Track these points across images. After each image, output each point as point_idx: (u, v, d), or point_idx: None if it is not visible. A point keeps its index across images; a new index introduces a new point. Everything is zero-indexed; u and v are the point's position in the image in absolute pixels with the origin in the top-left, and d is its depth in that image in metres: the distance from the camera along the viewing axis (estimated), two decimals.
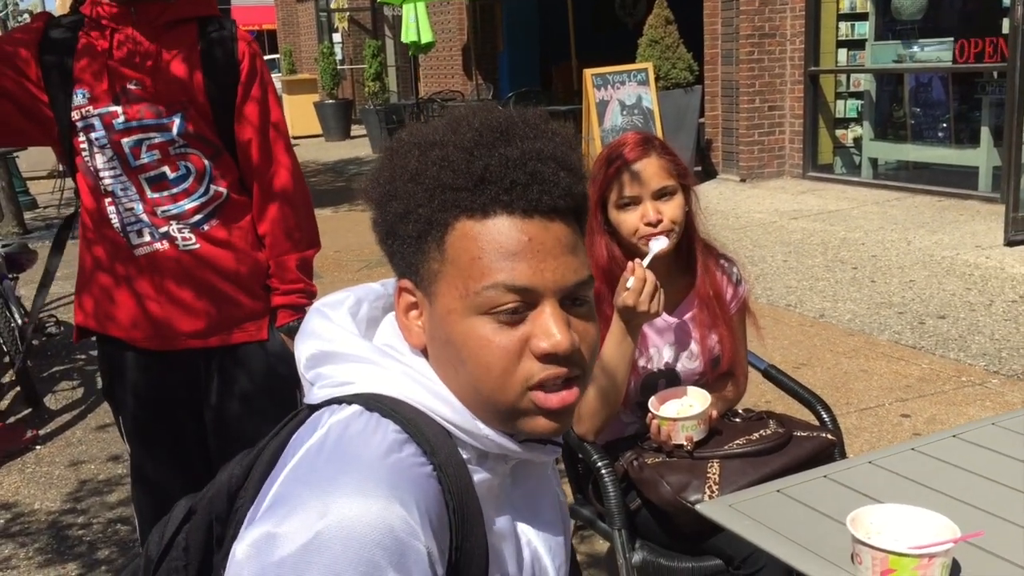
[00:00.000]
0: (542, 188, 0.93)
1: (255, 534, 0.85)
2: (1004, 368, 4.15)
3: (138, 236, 2.00)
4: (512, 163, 0.92)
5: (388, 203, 0.97)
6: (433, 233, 0.94)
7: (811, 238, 6.69)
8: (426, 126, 0.99)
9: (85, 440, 3.94)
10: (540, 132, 0.96)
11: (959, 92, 7.86)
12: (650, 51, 8.95)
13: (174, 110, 1.97)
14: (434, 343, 0.97)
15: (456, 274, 0.93)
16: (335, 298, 1.05)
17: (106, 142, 1.95)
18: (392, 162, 0.98)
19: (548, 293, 0.92)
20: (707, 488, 1.89)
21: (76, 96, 1.95)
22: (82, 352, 5.03)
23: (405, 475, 0.87)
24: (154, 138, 1.96)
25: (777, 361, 2.47)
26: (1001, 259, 5.73)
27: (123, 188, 1.98)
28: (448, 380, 0.96)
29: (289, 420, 1.03)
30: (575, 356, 0.94)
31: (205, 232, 2.02)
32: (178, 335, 2.05)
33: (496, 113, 0.97)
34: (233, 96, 2.03)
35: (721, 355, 2.14)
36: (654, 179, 1.99)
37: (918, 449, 1.73)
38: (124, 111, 1.95)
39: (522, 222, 0.92)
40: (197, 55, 1.99)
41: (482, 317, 0.92)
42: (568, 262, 0.94)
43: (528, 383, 0.92)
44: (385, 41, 15.87)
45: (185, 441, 2.14)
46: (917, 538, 1.30)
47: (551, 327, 0.92)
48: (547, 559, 1.06)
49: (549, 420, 0.94)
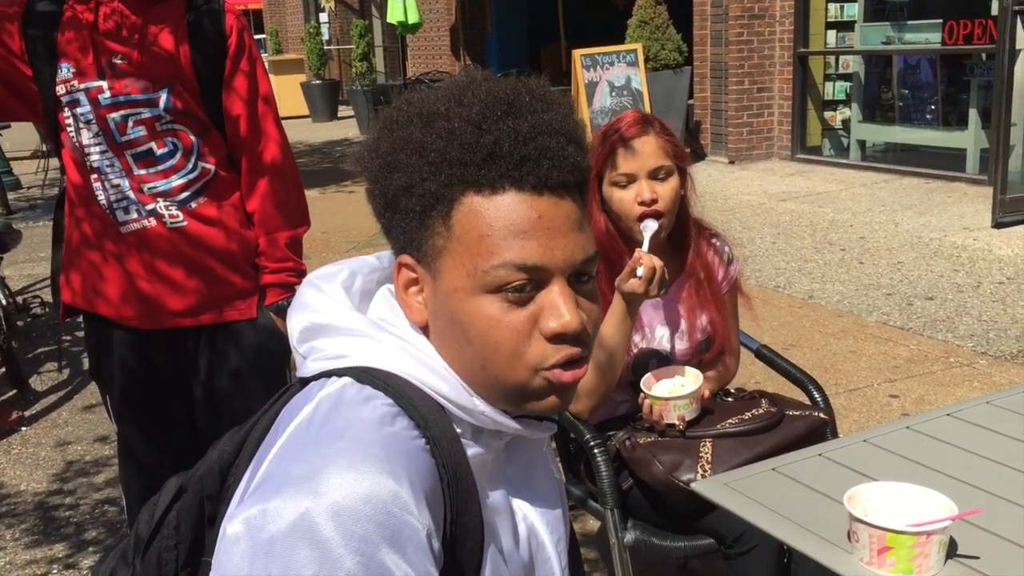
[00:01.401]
0: (552, 163, 0.90)
1: (245, 512, 0.83)
2: (992, 349, 4.17)
3: (125, 213, 1.97)
4: (522, 137, 0.90)
5: (388, 175, 0.94)
6: (439, 208, 0.91)
7: (800, 220, 6.69)
8: (426, 95, 0.96)
9: (71, 421, 3.91)
10: (547, 104, 0.93)
11: (948, 74, 7.86)
12: (639, 32, 8.91)
13: (161, 85, 1.93)
14: (437, 320, 0.95)
15: (463, 251, 0.90)
16: (329, 270, 1.03)
17: (92, 117, 1.92)
18: (392, 133, 0.95)
19: (558, 271, 0.91)
20: (699, 467, 1.89)
21: (61, 70, 1.91)
22: (68, 333, 4.99)
23: (397, 448, 0.86)
24: (141, 113, 1.92)
25: (766, 342, 2.46)
26: (989, 241, 5.74)
27: (109, 164, 1.94)
28: (452, 357, 0.94)
29: (281, 395, 1.01)
30: (583, 335, 0.92)
31: (192, 210, 1.99)
32: (167, 313, 2.02)
33: (500, 83, 0.94)
34: (221, 70, 2.00)
35: (713, 335, 2.13)
36: (651, 159, 1.98)
37: (912, 427, 1.73)
38: (110, 86, 1.91)
39: (532, 198, 0.90)
40: (184, 29, 1.96)
41: (489, 296, 0.90)
42: (577, 239, 0.92)
43: (542, 365, 0.91)
44: (372, 21, 15.75)
45: (174, 419, 2.12)
46: (914, 516, 1.29)
47: (561, 307, 0.90)
48: (544, 534, 1.05)
49: (558, 397, 0.93)
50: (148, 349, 2.06)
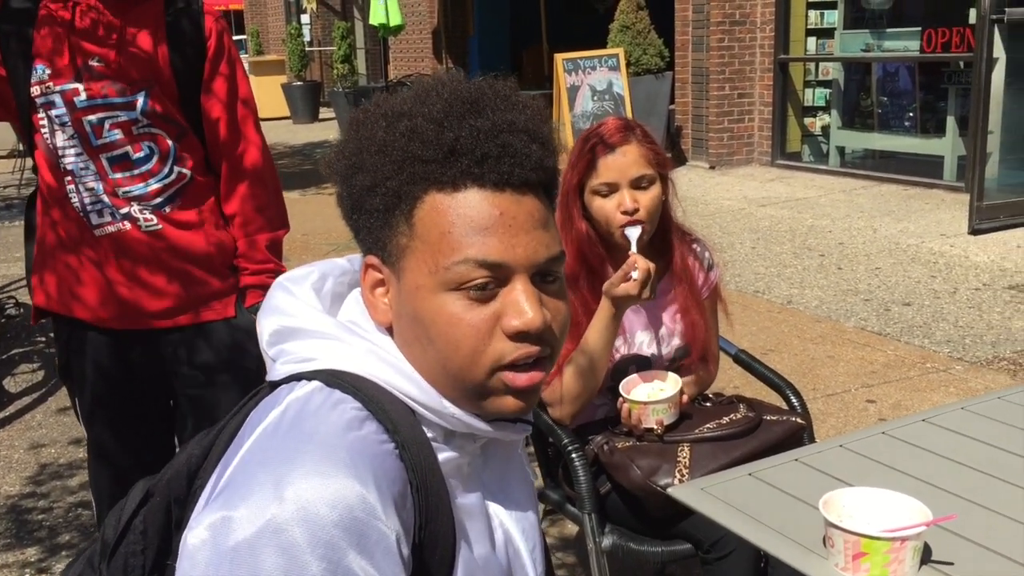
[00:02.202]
0: (514, 161, 0.90)
1: (209, 519, 0.82)
2: (968, 355, 4.20)
3: (98, 216, 1.94)
4: (483, 135, 0.90)
5: (354, 176, 0.94)
6: (401, 207, 0.91)
7: (779, 225, 6.72)
8: (393, 97, 0.96)
9: (45, 423, 3.87)
10: (511, 104, 0.94)
11: (926, 82, 7.92)
12: (621, 37, 8.93)
13: (138, 87, 1.91)
14: (401, 320, 0.94)
15: (425, 249, 0.90)
16: (299, 273, 1.02)
17: (67, 120, 1.89)
18: (358, 133, 0.95)
19: (520, 269, 0.90)
20: (677, 472, 1.89)
21: (36, 71, 1.88)
22: (42, 334, 4.94)
23: (365, 453, 0.85)
24: (118, 116, 1.90)
25: (745, 347, 2.47)
26: (965, 247, 5.79)
27: (84, 167, 1.92)
28: (414, 358, 0.94)
29: (250, 398, 1.00)
30: (546, 334, 0.92)
31: (167, 214, 1.97)
32: (143, 315, 2.00)
33: (465, 84, 0.94)
34: (200, 73, 1.97)
35: (693, 340, 2.13)
36: (633, 167, 1.97)
37: (888, 433, 1.73)
38: (86, 88, 1.88)
39: (493, 195, 0.90)
40: (163, 30, 1.93)
41: (452, 293, 0.90)
42: (539, 237, 0.92)
43: (499, 363, 0.90)
44: (354, 23, 15.71)
45: (148, 421, 2.10)
46: (889, 521, 1.29)
47: (523, 304, 0.90)
48: (520, 541, 1.05)
49: (517, 399, 0.92)
50: (123, 349, 2.03)
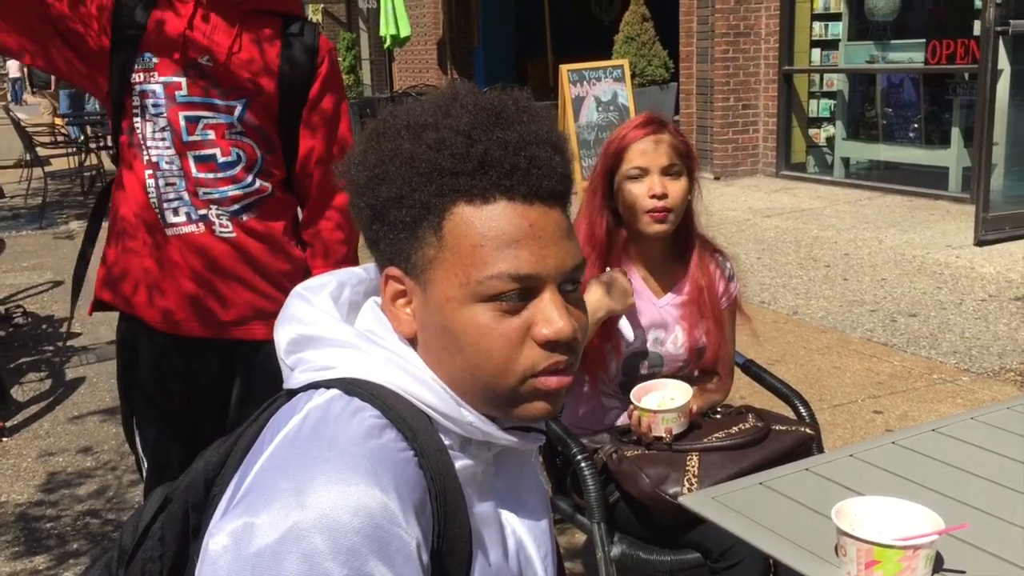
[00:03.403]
0: (541, 173, 0.92)
1: (230, 525, 0.82)
2: (975, 366, 4.19)
3: (174, 215, 1.90)
4: (511, 147, 0.91)
5: (377, 187, 0.94)
6: (430, 219, 0.92)
7: (784, 236, 6.72)
8: (412, 107, 0.97)
9: (53, 432, 3.88)
10: (532, 115, 0.95)
11: (931, 93, 7.93)
12: (626, 48, 8.96)
13: (239, 95, 1.89)
14: (427, 330, 0.95)
15: (456, 261, 0.91)
16: (317, 282, 1.03)
17: (163, 111, 1.86)
18: (380, 145, 0.95)
19: (549, 279, 0.92)
20: (686, 481, 1.89)
21: (143, 57, 1.86)
22: (49, 343, 4.96)
23: (385, 461, 0.85)
24: (213, 118, 1.88)
25: (751, 357, 2.48)
26: (971, 258, 5.79)
27: (168, 162, 1.88)
28: (441, 367, 0.94)
29: (268, 406, 1.01)
30: (573, 342, 0.93)
31: (243, 223, 1.93)
32: (215, 323, 1.97)
33: (486, 95, 0.96)
34: (304, 99, 1.96)
35: (706, 347, 2.14)
36: (664, 156, 2.03)
37: (898, 443, 1.74)
38: (188, 84, 1.86)
39: (523, 208, 0.91)
40: (276, 49, 1.93)
41: (482, 304, 0.91)
42: (567, 246, 0.93)
43: (532, 371, 0.92)
44: (359, 34, 15.77)
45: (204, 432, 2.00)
46: (901, 530, 1.30)
47: (554, 314, 0.91)
48: (532, 548, 1.05)
49: (546, 403, 0.94)
50: (183, 355, 1.99)
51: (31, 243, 7.73)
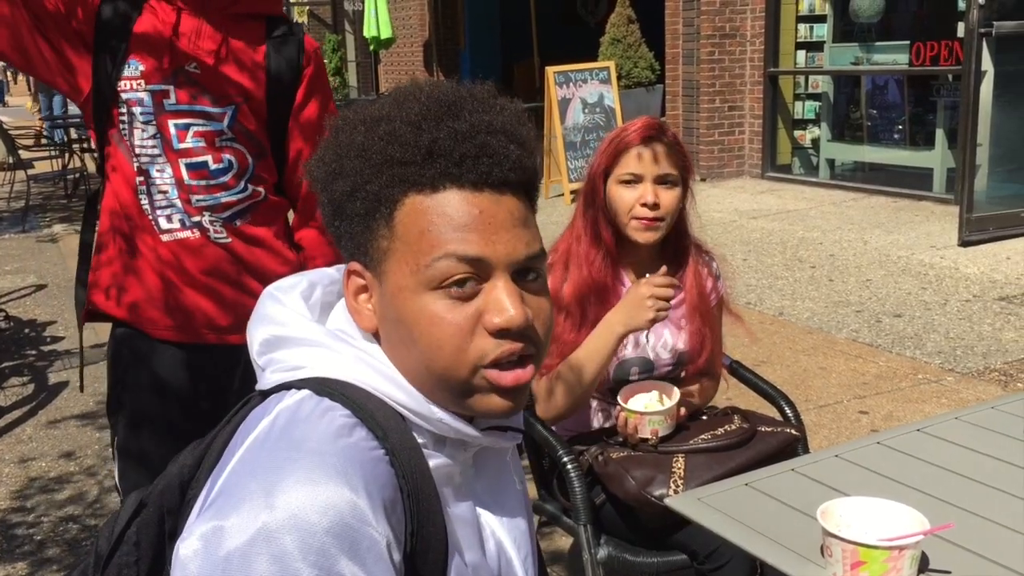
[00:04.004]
0: (492, 161, 0.91)
1: (200, 529, 0.82)
2: (959, 366, 4.21)
3: (167, 221, 1.88)
4: (461, 136, 0.90)
5: (335, 182, 0.94)
6: (382, 210, 0.92)
7: (770, 237, 6.74)
8: (371, 102, 0.98)
9: (36, 437, 3.84)
10: (489, 106, 0.94)
11: (915, 95, 7.97)
12: (612, 49, 8.97)
13: (228, 102, 1.88)
14: (385, 324, 0.94)
15: (406, 250, 0.91)
16: (288, 282, 1.03)
17: (152, 119, 1.84)
18: (337, 139, 0.95)
19: (500, 266, 0.90)
20: (672, 482, 1.88)
21: (129, 66, 1.83)
22: (32, 347, 4.92)
23: (355, 460, 0.85)
24: (203, 125, 1.86)
25: (737, 358, 2.48)
26: (955, 259, 5.81)
27: (159, 169, 1.86)
28: (400, 361, 0.94)
29: (240, 408, 1.00)
30: (529, 331, 0.91)
31: (237, 228, 1.92)
32: (210, 328, 1.95)
33: (444, 87, 0.95)
34: (291, 101, 1.95)
35: (696, 351, 2.13)
36: (660, 164, 2.01)
37: (883, 443, 1.73)
38: (177, 92, 1.84)
39: (472, 195, 0.90)
40: (262, 53, 1.92)
41: (433, 293, 0.90)
42: (520, 235, 0.92)
43: (482, 361, 0.90)
44: (345, 36, 15.74)
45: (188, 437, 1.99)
46: (887, 530, 1.29)
47: (504, 301, 0.90)
48: (512, 550, 1.04)
49: (503, 399, 0.92)
50: (179, 361, 1.97)
51: (14, 247, 7.68)
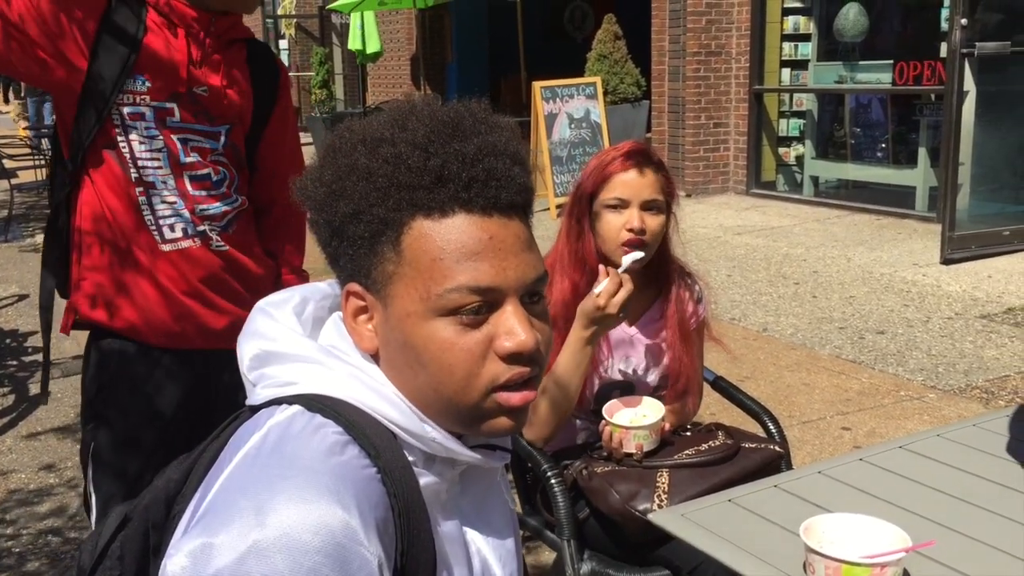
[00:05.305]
0: (499, 184, 0.91)
1: (188, 546, 0.81)
2: (941, 383, 4.23)
3: (171, 231, 1.92)
4: (468, 159, 0.90)
5: (334, 203, 0.93)
6: (388, 234, 0.91)
7: (754, 253, 6.77)
8: (367, 122, 0.97)
9: (15, 448, 3.81)
10: (490, 126, 0.94)
11: (898, 113, 8.04)
12: (599, 65, 9.02)
13: (225, 122, 1.96)
14: (389, 346, 0.94)
15: (415, 276, 0.90)
16: (280, 297, 1.02)
17: (156, 133, 1.88)
18: (336, 160, 0.95)
19: (511, 292, 0.91)
20: (656, 497, 1.89)
21: (135, 79, 1.86)
22: (13, 357, 4.88)
23: (347, 478, 0.84)
24: (200, 142, 1.93)
25: (721, 374, 2.48)
26: (937, 277, 5.86)
27: (163, 181, 1.90)
28: (404, 383, 0.93)
29: (230, 422, 0.99)
30: (536, 354, 0.92)
31: (231, 236, 2.00)
32: (193, 334, 1.97)
33: (444, 108, 0.95)
34: (268, 117, 2.06)
35: (680, 371, 2.14)
36: (647, 189, 2.01)
37: (866, 459, 1.74)
38: (181, 111, 1.90)
39: (482, 220, 0.90)
40: (248, 75, 2.01)
41: (443, 319, 0.90)
42: (527, 259, 0.93)
43: (493, 384, 0.91)
44: (332, 49, 15.75)
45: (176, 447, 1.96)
46: (869, 547, 1.30)
47: (516, 327, 0.90)
48: (497, 568, 1.04)
49: (510, 419, 0.93)
50: (173, 370, 1.98)
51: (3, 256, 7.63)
